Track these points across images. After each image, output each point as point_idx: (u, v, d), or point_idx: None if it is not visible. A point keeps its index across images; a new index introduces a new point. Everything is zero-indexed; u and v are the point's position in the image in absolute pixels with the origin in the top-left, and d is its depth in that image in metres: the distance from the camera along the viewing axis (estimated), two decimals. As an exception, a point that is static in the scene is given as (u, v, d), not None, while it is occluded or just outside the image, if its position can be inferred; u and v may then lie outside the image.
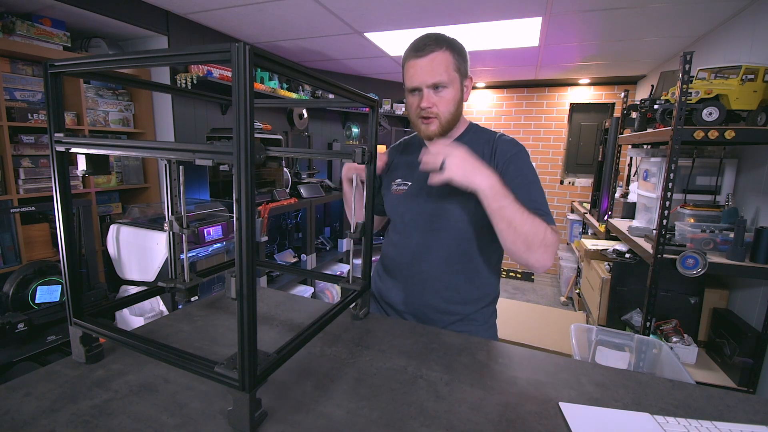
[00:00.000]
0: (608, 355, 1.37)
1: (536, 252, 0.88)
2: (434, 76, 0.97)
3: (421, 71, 0.98)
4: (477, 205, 1.02)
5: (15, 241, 1.92)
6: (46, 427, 0.59)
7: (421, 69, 0.98)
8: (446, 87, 0.98)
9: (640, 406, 0.69)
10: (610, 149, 2.94)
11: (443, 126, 1.03)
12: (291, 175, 2.96)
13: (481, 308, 1.11)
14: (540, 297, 4.09)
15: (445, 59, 0.97)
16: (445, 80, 0.97)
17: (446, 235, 1.06)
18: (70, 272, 0.72)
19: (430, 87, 0.98)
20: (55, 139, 0.67)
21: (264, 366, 0.59)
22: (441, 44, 0.97)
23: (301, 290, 2.91)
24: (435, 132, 1.03)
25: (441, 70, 0.97)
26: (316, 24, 2.52)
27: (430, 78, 0.97)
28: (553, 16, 2.26)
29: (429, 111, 1.00)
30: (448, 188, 1.05)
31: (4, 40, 1.81)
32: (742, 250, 1.57)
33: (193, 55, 0.52)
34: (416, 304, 1.10)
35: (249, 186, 0.50)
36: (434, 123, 1.02)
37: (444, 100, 1.00)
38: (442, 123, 1.02)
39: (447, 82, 0.98)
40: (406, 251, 1.12)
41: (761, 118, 1.53)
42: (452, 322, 1.09)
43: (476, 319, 1.10)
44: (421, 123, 1.04)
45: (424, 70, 0.98)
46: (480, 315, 1.11)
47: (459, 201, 1.04)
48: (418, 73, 0.98)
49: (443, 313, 1.08)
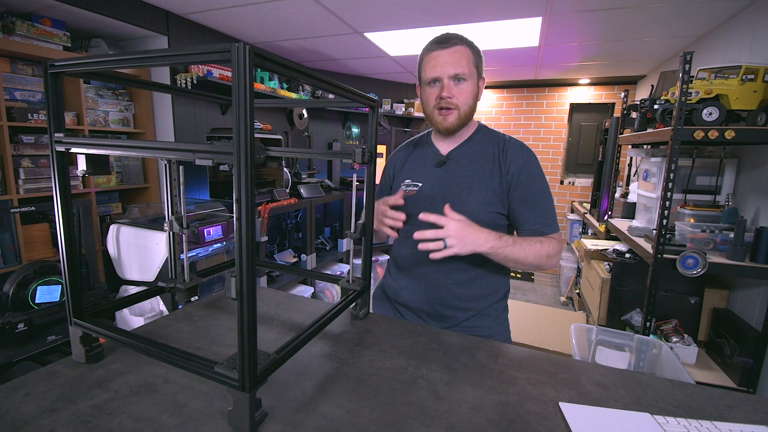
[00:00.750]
0: (608, 355, 1.37)
1: (544, 266, 1.01)
2: (457, 67, 1.00)
3: (443, 62, 1.00)
4: (487, 206, 1.05)
5: (15, 241, 1.92)
6: (46, 427, 0.59)
7: (443, 60, 1.00)
8: (466, 80, 1.01)
9: (640, 406, 0.69)
10: (610, 149, 2.93)
11: (461, 118, 1.04)
12: (291, 175, 2.96)
13: (494, 303, 1.12)
14: (540, 297, 4.09)
15: (467, 53, 1.01)
16: (467, 73, 1.00)
17: None
18: (70, 272, 0.72)
19: (451, 77, 1.01)
20: (55, 139, 0.67)
21: (264, 366, 0.59)
22: (462, 40, 1.02)
23: (301, 290, 2.91)
24: (453, 124, 1.05)
25: (464, 62, 1.00)
26: (316, 24, 2.52)
27: (453, 69, 1.00)
28: (553, 16, 2.26)
29: (449, 101, 1.02)
30: (458, 189, 1.07)
31: (4, 40, 1.81)
32: (742, 250, 1.57)
33: (193, 55, 0.52)
34: (431, 302, 1.11)
35: (249, 186, 0.50)
36: (453, 114, 1.04)
37: (464, 92, 1.02)
38: (461, 115, 1.04)
39: (467, 75, 1.01)
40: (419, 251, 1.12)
41: (761, 118, 1.53)
42: (467, 318, 1.10)
43: (489, 314, 1.12)
44: (438, 115, 1.05)
45: (447, 61, 1.00)
46: (492, 310, 1.12)
47: (469, 202, 1.05)
48: (440, 63, 1.01)
49: (458, 309, 1.10)
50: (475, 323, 1.10)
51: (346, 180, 3.64)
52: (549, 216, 1.03)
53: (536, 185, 1.04)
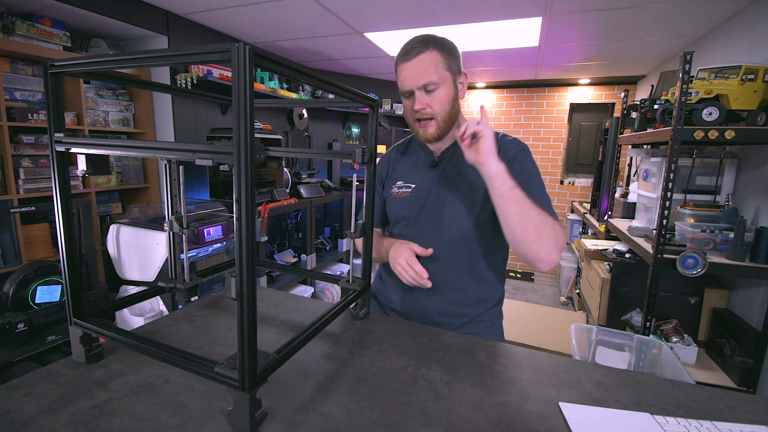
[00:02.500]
0: (608, 355, 1.37)
1: (546, 243, 0.87)
2: (424, 77, 0.96)
3: (410, 74, 0.97)
4: (481, 206, 1.02)
5: (15, 241, 1.92)
6: (46, 427, 0.59)
7: (409, 72, 0.97)
8: (438, 86, 0.97)
9: (640, 406, 0.69)
10: (610, 149, 2.93)
11: (441, 127, 1.01)
12: (291, 175, 2.96)
13: (488, 309, 1.10)
14: (540, 297, 4.09)
15: (433, 59, 0.96)
16: (436, 79, 0.96)
17: (451, 237, 1.05)
18: (70, 272, 0.72)
19: (421, 89, 0.97)
20: (55, 139, 0.67)
21: (264, 366, 0.59)
22: (427, 45, 0.96)
23: (301, 290, 2.91)
24: (433, 135, 1.02)
25: (430, 70, 0.96)
26: (316, 24, 2.52)
27: (420, 79, 0.96)
28: (553, 16, 2.26)
29: (423, 113, 0.99)
30: (452, 190, 1.05)
31: (4, 40, 1.81)
32: (742, 250, 1.57)
33: (193, 55, 0.52)
34: (424, 308, 1.09)
35: (249, 186, 0.50)
36: (431, 125, 1.00)
37: (437, 99, 0.98)
38: (440, 123, 1.00)
39: (438, 81, 0.96)
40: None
41: (761, 118, 1.53)
42: (460, 325, 1.08)
43: (484, 321, 1.09)
44: (418, 126, 1.02)
45: (413, 73, 0.96)
46: (487, 316, 1.10)
47: (463, 202, 1.03)
48: (408, 77, 0.97)
49: (450, 315, 1.07)
50: (468, 330, 1.08)
51: (346, 180, 3.64)
52: (545, 200, 0.96)
53: (529, 174, 1.00)
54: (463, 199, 1.03)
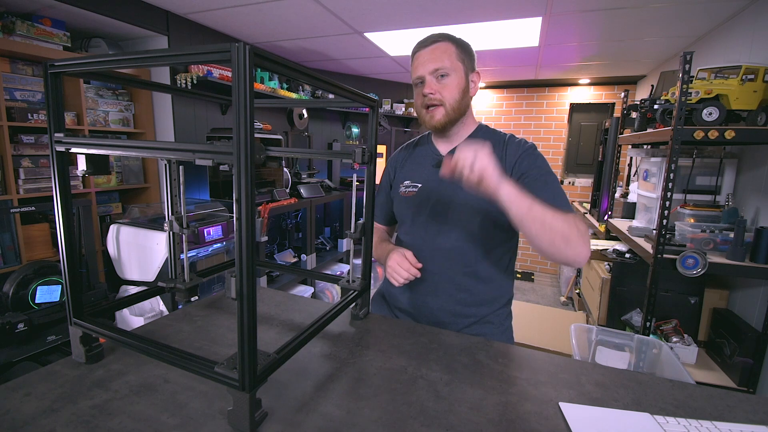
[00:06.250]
0: (608, 355, 1.37)
1: (576, 245, 0.84)
2: (436, 62, 0.99)
3: (423, 59, 1.00)
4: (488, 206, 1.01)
5: (15, 241, 1.92)
6: (46, 427, 0.59)
7: (424, 58, 1.00)
8: (449, 74, 1.00)
9: (640, 406, 0.69)
10: (610, 149, 2.93)
11: (449, 114, 1.02)
12: (291, 175, 2.96)
13: (497, 310, 1.09)
14: (540, 297, 4.09)
15: (447, 48, 1.00)
16: (448, 66, 0.99)
17: (458, 237, 1.05)
18: (70, 272, 0.72)
19: (432, 74, 1.00)
20: (55, 139, 0.67)
21: (264, 366, 0.59)
22: (444, 37, 1.01)
23: (301, 290, 2.91)
24: (440, 122, 1.02)
25: (443, 57, 0.99)
26: (316, 24, 2.52)
27: (432, 64, 0.99)
28: (553, 16, 2.26)
29: (432, 98, 1.00)
30: (458, 190, 1.04)
31: (4, 40, 1.81)
32: (742, 250, 1.57)
33: (193, 55, 0.52)
34: (431, 307, 1.08)
35: (249, 186, 0.50)
36: (439, 111, 1.02)
37: (447, 87, 1.00)
38: (448, 110, 1.02)
39: (449, 69, 0.99)
40: (417, 253, 1.09)
41: (761, 118, 1.53)
42: (467, 325, 1.07)
43: (492, 321, 1.08)
44: (426, 113, 1.04)
45: (427, 59, 1.00)
46: (495, 317, 1.09)
47: (470, 202, 1.03)
48: (421, 62, 1.01)
49: (457, 315, 1.07)
50: (476, 331, 1.07)
51: (346, 180, 3.64)
52: (559, 196, 0.94)
53: (541, 168, 0.98)
54: (468, 200, 1.03)
